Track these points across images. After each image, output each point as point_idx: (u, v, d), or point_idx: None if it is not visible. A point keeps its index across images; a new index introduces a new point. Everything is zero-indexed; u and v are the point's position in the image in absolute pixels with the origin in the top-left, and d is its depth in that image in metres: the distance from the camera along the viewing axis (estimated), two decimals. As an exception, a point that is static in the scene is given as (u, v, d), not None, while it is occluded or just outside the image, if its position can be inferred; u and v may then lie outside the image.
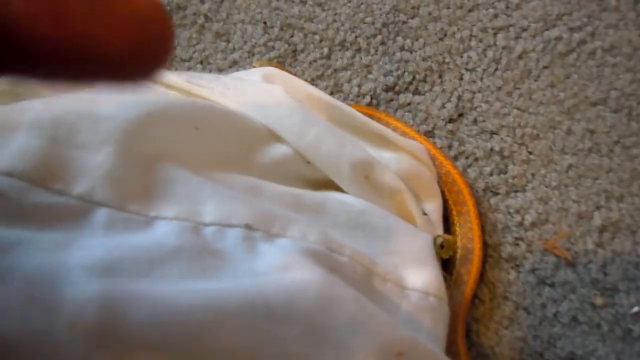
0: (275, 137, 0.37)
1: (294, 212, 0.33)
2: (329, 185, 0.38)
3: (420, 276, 0.34)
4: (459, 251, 0.43)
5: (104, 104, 0.29)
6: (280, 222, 0.30)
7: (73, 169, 0.26)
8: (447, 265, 0.43)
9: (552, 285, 0.43)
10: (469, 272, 0.42)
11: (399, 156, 0.41)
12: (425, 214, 0.41)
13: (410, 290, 0.34)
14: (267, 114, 0.37)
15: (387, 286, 0.33)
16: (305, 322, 0.25)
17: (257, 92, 0.38)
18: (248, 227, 0.28)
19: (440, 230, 0.41)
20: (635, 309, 0.42)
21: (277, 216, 0.30)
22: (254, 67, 0.47)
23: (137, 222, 0.26)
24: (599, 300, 0.42)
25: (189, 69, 0.52)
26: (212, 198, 0.29)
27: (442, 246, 0.38)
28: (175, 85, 0.38)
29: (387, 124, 0.44)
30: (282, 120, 0.37)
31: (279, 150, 0.36)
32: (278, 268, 0.26)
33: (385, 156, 0.41)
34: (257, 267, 0.26)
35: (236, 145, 0.35)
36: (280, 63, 0.49)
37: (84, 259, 0.22)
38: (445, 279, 0.37)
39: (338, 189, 0.38)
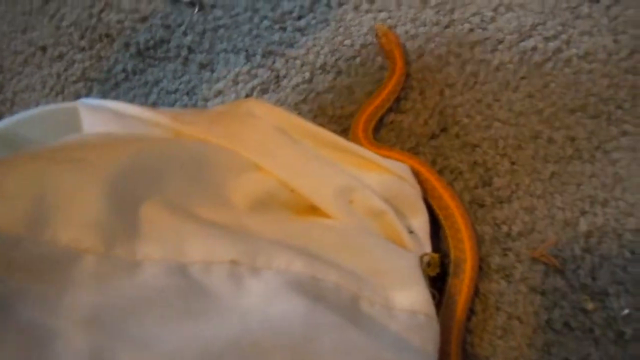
0: (259, 169, 0.38)
1: (280, 241, 0.34)
2: (314, 210, 0.39)
3: (407, 296, 0.35)
4: (452, 263, 0.44)
5: (90, 153, 0.30)
6: (265, 253, 0.31)
7: (60, 218, 0.27)
8: (444, 277, 0.44)
9: (542, 293, 0.44)
10: (462, 282, 0.43)
11: (383, 177, 0.42)
12: (411, 231, 0.42)
13: (398, 311, 0.34)
14: (250, 146, 0.38)
15: (374, 308, 0.33)
16: (291, 353, 0.26)
17: (240, 125, 0.39)
18: (233, 262, 0.29)
19: (428, 247, 0.42)
20: (626, 311, 0.42)
21: (262, 248, 0.31)
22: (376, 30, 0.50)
23: (123, 266, 0.27)
24: (589, 305, 0.43)
25: (175, 100, 0.53)
26: (197, 235, 0.30)
27: (429, 264, 0.39)
28: (162, 124, 0.38)
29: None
30: (266, 151, 0.38)
31: (263, 181, 0.37)
32: (263, 302, 0.27)
33: (370, 177, 0.42)
34: (243, 303, 0.27)
35: (221, 179, 0.36)
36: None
37: (74, 311, 0.23)
38: (434, 296, 0.38)
39: (324, 214, 0.39)
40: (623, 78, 0.47)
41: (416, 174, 0.45)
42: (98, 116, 0.39)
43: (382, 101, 0.48)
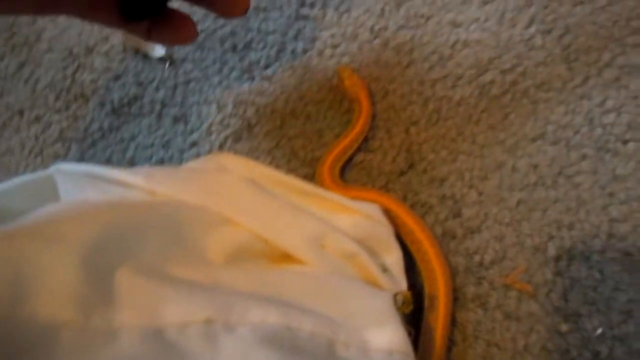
0: (232, 222, 0.39)
1: (254, 293, 0.35)
2: (289, 257, 0.40)
3: (383, 336, 0.36)
4: (427, 297, 0.45)
5: (64, 227, 0.31)
6: (239, 308, 0.32)
7: (37, 294, 0.28)
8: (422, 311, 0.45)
9: (518, 319, 0.45)
10: (437, 318, 0.44)
11: (354, 218, 0.44)
12: (386, 269, 0.43)
13: (374, 352, 0.35)
14: (222, 201, 0.39)
15: (350, 351, 0.35)
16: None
17: (212, 181, 0.41)
18: (208, 321, 0.31)
19: (403, 283, 0.43)
20: (599, 330, 0.44)
21: (236, 302, 0.32)
22: (339, 74, 0.52)
23: (102, 336, 0.28)
24: (564, 327, 0.44)
25: (152, 154, 0.55)
26: (172, 297, 0.31)
27: (403, 302, 0.40)
28: (135, 185, 0.40)
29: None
30: (237, 205, 0.39)
31: (236, 235, 0.39)
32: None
33: (341, 220, 0.43)
34: (218, 361, 0.28)
35: (195, 236, 0.37)
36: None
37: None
38: (410, 333, 0.39)
39: (299, 260, 0.40)
40: (579, 104, 0.49)
41: (387, 211, 0.47)
42: (73, 182, 0.40)
43: (351, 141, 0.50)
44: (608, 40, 0.51)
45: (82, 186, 0.40)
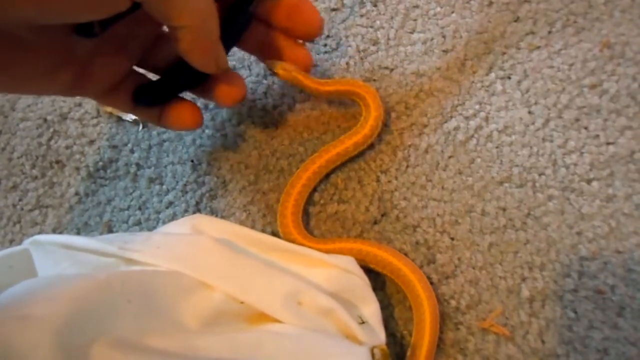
0: (207, 286, 0.39)
1: (230, 358, 0.35)
2: (265, 316, 0.41)
3: (361, 392, 0.37)
4: (410, 348, 0.46)
5: (37, 307, 0.32)
6: (214, 378, 0.32)
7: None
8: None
9: (497, 363, 0.45)
10: (419, 365, 0.44)
11: (330, 272, 0.44)
12: (364, 321, 0.44)
13: (352, 410, 0.36)
14: (196, 265, 0.40)
15: (328, 412, 0.35)
16: None
17: (186, 246, 0.41)
18: (183, 394, 0.31)
19: (381, 334, 0.44)
20: (578, 369, 0.44)
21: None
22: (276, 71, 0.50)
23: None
24: (542, 368, 0.45)
25: (129, 216, 0.55)
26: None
27: (381, 355, 0.40)
28: (111, 253, 0.40)
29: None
30: (211, 268, 0.40)
31: (212, 298, 0.39)
32: None
33: (317, 274, 0.44)
34: None
35: (170, 304, 0.38)
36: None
37: None
38: (389, 386, 0.39)
39: (275, 318, 0.40)
40: (542, 146, 0.51)
41: (373, 256, 0.47)
42: (49, 254, 0.41)
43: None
44: (565, 83, 0.53)
45: (57, 258, 0.40)
